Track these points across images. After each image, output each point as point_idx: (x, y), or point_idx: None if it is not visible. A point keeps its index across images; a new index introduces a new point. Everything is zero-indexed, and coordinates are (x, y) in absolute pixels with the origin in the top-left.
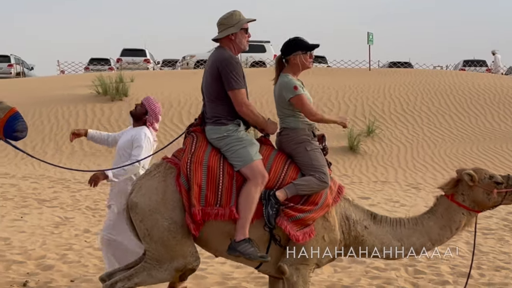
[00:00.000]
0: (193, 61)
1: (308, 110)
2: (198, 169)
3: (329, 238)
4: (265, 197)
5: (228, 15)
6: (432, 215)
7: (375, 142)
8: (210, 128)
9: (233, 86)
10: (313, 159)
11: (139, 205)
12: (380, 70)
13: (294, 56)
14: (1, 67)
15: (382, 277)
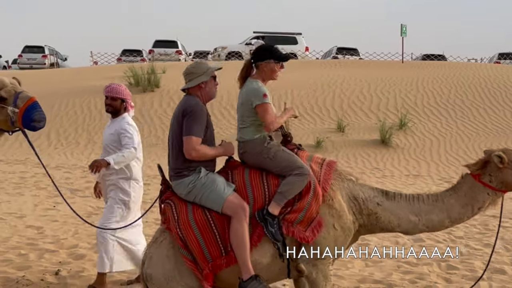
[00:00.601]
0: (225, 53)
1: (270, 120)
2: (190, 233)
3: (339, 225)
4: (260, 219)
5: (196, 64)
6: (454, 193)
7: (408, 136)
8: (175, 183)
9: (187, 132)
10: (280, 163)
11: (154, 275)
12: (413, 63)
13: (266, 63)
14: (35, 58)
15: (415, 272)
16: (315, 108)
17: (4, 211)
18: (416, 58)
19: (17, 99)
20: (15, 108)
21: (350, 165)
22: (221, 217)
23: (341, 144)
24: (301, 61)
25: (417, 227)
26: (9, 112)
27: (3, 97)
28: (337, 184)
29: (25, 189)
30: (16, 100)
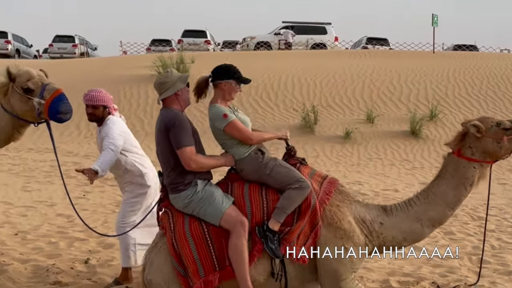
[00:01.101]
0: (254, 43)
1: (245, 135)
2: (185, 245)
3: (351, 243)
4: (261, 235)
5: (165, 74)
6: (442, 179)
7: (438, 127)
8: (172, 197)
9: (178, 145)
10: (278, 178)
11: (154, 281)
12: (445, 53)
13: (226, 82)
14: (65, 47)
15: (445, 266)
16: (344, 99)
17: (35, 199)
18: (448, 48)
19: (44, 91)
20: (42, 99)
21: (380, 156)
22: (218, 231)
23: (370, 135)
24: (330, 51)
25: (423, 231)
26: (35, 104)
27: (30, 88)
28: (346, 206)
29: (55, 178)
30: (43, 92)
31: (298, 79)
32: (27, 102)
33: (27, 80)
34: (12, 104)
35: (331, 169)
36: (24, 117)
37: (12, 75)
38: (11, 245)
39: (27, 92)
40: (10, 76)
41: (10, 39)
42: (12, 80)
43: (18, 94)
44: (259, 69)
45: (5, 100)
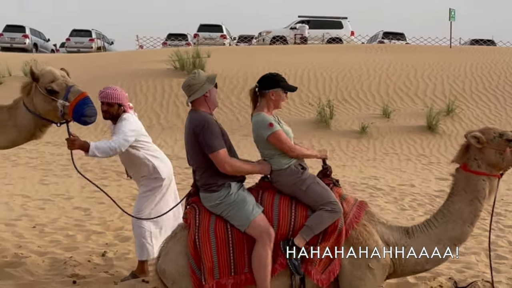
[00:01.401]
0: (269, 37)
1: (287, 147)
2: (207, 244)
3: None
4: (285, 249)
5: (194, 75)
6: (455, 196)
7: (455, 122)
8: (203, 195)
9: (211, 149)
10: (314, 196)
11: (167, 270)
12: (462, 48)
13: (273, 91)
14: (82, 42)
15: (462, 262)
16: (360, 93)
17: (52, 192)
18: (465, 43)
19: (68, 93)
20: (66, 101)
21: (396, 151)
22: (242, 236)
23: (386, 130)
24: (346, 45)
25: (444, 252)
26: (59, 105)
27: (55, 90)
28: (372, 226)
29: (73, 171)
30: (68, 94)
31: (314, 74)
32: (51, 103)
33: (50, 81)
34: (35, 104)
35: (347, 163)
36: (46, 117)
37: (35, 75)
38: (29, 237)
39: (51, 94)
40: (34, 76)
41: (28, 33)
42: (35, 80)
43: (41, 95)
44: (274, 63)
45: (28, 99)
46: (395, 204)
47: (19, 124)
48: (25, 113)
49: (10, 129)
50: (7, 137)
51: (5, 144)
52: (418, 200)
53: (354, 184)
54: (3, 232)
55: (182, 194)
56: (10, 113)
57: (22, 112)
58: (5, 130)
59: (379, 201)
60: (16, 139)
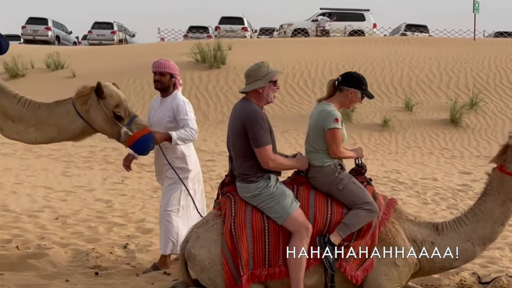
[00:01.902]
0: (291, 30)
1: (336, 147)
2: (244, 234)
3: (401, 261)
4: (321, 245)
5: (256, 67)
6: (488, 196)
7: (479, 115)
8: (240, 185)
9: (258, 143)
10: (350, 196)
11: (198, 257)
12: (486, 40)
13: (354, 91)
14: (104, 34)
15: (486, 256)
16: (382, 86)
17: (74, 184)
18: (489, 35)
19: (132, 122)
20: (129, 131)
21: (418, 145)
22: (278, 229)
23: (408, 124)
24: (368, 38)
25: (474, 250)
26: (122, 133)
27: (122, 117)
28: (400, 223)
29: (95, 163)
30: (131, 123)
31: (335, 66)
32: (113, 126)
33: (116, 104)
34: (93, 117)
35: (368, 157)
36: (99, 131)
37: (104, 93)
38: (52, 229)
39: (117, 119)
40: (101, 93)
41: (50, 25)
42: (100, 96)
43: (104, 114)
44: (296, 56)
45: (83, 108)
46: (417, 198)
47: (63, 125)
48: (76, 118)
49: (49, 128)
50: (43, 134)
51: (40, 140)
52: (440, 194)
53: (376, 178)
54: (26, 224)
55: (204, 186)
56: (50, 111)
57: (71, 116)
58: (42, 128)
59: (401, 194)
60: (54, 137)
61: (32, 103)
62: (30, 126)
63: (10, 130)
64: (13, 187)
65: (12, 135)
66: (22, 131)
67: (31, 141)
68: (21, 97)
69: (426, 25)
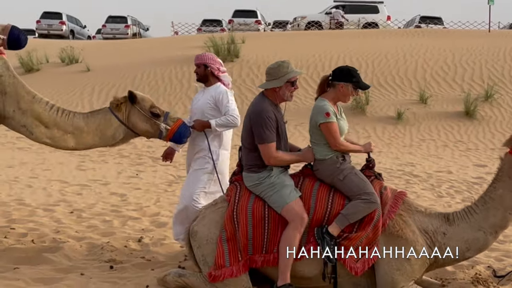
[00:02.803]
0: (304, 23)
1: (333, 140)
2: (243, 220)
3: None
4: (319, 236)
5: (276, 65)
6: (498, 182)
7: (494, 108)
8: (245, 175)
9: (261, 140)
10: (351, 186)
11: (198, 234)
12: (501, 32)
13: (344, 84)
14: (118, 28)
15: (501, 250)
16: (396, 79)
17: (89, 178)
18: (504, 27)
19: (167, 118)
20: (167, 125)
21: (433, 138)
22: (277, 217)
23: (423, 116)
24: (382, 30)
25: (487, 239)
26: (161, 128)
27: (159, 114)
28: (409, 215)
29: (109, 157)
30: (166, 119)
31: (349, 59)
32: (153, 125)
33: (151, 105)
34: (134, 122)
35: (383, 150)
36: (140, 134)
37: (137, 98)
38: (67, 223)
39: (155, 117)
40: (135, 98)
41: (65, 20)
42: (133, 101)
43: (143, 116)
44: (310, 49)
45: (123, 115)
46: (432, 191)
47: (105, 132)
48: (118, 125)
49: (88, 135)
50: (82, 141)
51: (78, 147)
52: (455, 187)
53: (390, 171)
54: (42, 217)
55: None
56: (88, 120)
57: (113, 123)
58: (81, 135)
59: (415, 188)
60: (94, 144)
61: (66, 111)
62: (67, 133)
63: (41, 135)
64: (29, 181)
65: (43, 139)
66: (57, 137)
67: (67, 147)
68: (53, 105)
69: (441, 17)
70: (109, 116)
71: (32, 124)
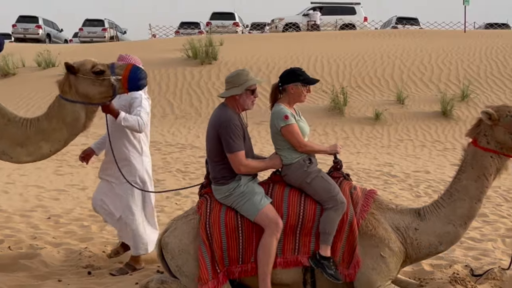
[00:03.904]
0: (282, 24)
1: (297, 141)
2: (217, 232)
3: (387, 252)
4: (316, 264)
5: (235, 73)
6: (462, 173)
7: (470, 107)
8: (214, 188)
9: (230, 149)
10: (317, 190)
11: (170, 245)
12: (476, 32)
13: (293, 86)
14: (95, 31)
15: (478, 248)
16: (373, 80)
17: (66, 183)
18: (479, 27)
19: (114, 69)
20: (118, 76)
21: (410, 138)
22: (251, 226)
23: (400, 116)
24: (359, 31)
25: (457, 231)
26: (112, 81)
27: (102, 70)
28: (380, 213)
29: None
30: (114, 70)
31: (327, 61)
32: (102, 83)
33: (91, 66)
34: (84, 91)
35: (361, 150)
36: (96, 101)
37: (75, 67)
38: (44, 228)
39: (100, 74)
40: (73, 68)
41: (41, 23)
42: (74, 72)
43: (89, 80)
44: (287, 50)
45: (71, 93)
46: (410, 191)
47: (67, 120)
48: (72, 105)
49: (55, 132)
50: (54, 140)
51: (55, 148)
52: (433, 186)
53: (368, 171)
54: (18, 223)
55: (196, 182)
56: (48, 117)
57: (69, 108)
58: (50, 136)
59: (394, 188)
60: (66, 137)
61: (32, 120)
62: (39, 142)
63: (19, 155)
64: (5, 186)
65: (22, 159)
66: (33, 150)
67: (47, 154)
68: (21, 119)
69: (417, 18)
70: (62, 102)
71: (9, 148)
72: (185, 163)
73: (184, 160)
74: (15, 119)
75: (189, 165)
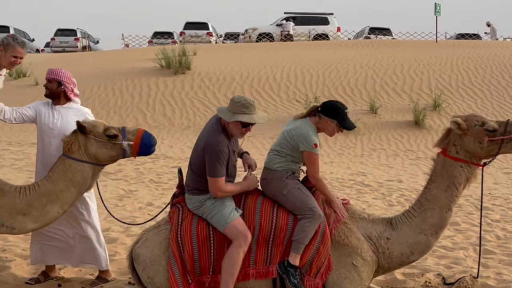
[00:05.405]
0: (256, 34)
1: (314, 171)
2: (188, 242)
3: (359, 261)
4: (283, 271)
5: (239, 99)
6: (432, 183)
7: (442, 117)
8: (187, 196)
9: (211, 174)
10: (293, 202)
11: (141, 256)
12: (447, 42)
13: (330, 121)
14: (67, 41)
15: (450, 257)
16: (346, 89)
17: None
18: (450, 37)
19: (125, 133)
20: (130, 141)
21: (383, 147)
22: (223, 238)
23: (373, 126)
24: (332, 41)
25: (428, 240)
26: (124, 147)
27: (116, 134)
28: (352, 223)
29: None
30: (125, 134)
31: (300, 70)
32: (114, 146)
33: (104, 128)
34: (94, 153)
35: (334, 160)
36: (104, 162)
37: (87, 128)
38: (14, 241)
39: (113, 138)
40: (85, 129)
41: (12, 33)
42: (85, 132)
43: (101, 142)
44: (261, 60)
45: (80, 153)
46: (383, 200)
47: (75, 180)
48: (81, 165)
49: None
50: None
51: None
52: (405, 195)
53: (342, 181)
54: None
55: (170, 193)
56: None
57: (77, 167)
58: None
59: (367, 197)
60: (74, 196)
61: (31, 186)
62: (45, 206)
63: (23, 224)
64: None
65: (28, 226)
66: (39, 215)
67: (54, 217)
68: (18, 186)
69: (389, 28)
70: (68, 162)
71: (8, 219)
72: (158, 173)
73: (157, 171)
74: (10, 189)
75: (162, 175)
